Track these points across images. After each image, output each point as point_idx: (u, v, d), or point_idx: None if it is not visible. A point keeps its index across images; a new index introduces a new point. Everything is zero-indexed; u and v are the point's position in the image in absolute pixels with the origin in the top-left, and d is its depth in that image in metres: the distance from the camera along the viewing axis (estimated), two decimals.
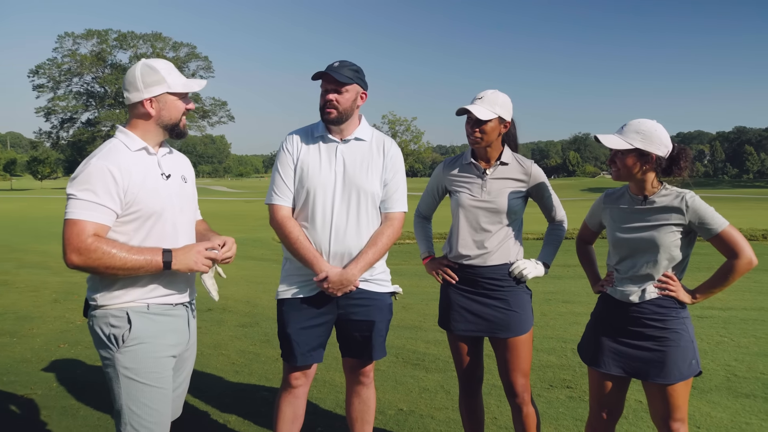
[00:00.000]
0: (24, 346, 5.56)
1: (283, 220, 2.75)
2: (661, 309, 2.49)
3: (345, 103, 2.69)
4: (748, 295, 8.23)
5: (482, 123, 2.78)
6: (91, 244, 2.08)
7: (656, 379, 2.49)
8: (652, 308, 2.50)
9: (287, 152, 2.80)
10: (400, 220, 2.85)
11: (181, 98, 2.36)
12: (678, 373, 2.46)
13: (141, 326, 2.24)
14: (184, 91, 2.34)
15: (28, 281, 9.57)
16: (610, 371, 2.59)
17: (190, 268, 2.26)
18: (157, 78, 2.28)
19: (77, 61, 72.87)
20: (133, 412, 2.23)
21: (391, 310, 2.93)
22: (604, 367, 2.60)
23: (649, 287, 2.50)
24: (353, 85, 2.71)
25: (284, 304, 2.82)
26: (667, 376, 2.47)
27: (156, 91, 2.29)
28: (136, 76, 2.28)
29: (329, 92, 2.69)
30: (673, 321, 2.49)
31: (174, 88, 2.31)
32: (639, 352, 2.53)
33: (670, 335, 2.48)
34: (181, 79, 2.35)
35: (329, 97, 2.68)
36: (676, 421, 2.52)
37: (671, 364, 2.46)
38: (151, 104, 2.30)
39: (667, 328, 2.48)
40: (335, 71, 2.66)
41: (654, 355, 2.49)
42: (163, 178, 2.34)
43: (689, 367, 2.48)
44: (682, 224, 2.45)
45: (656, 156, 2.45)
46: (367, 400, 3.00)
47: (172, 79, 2.31)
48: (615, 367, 2.58)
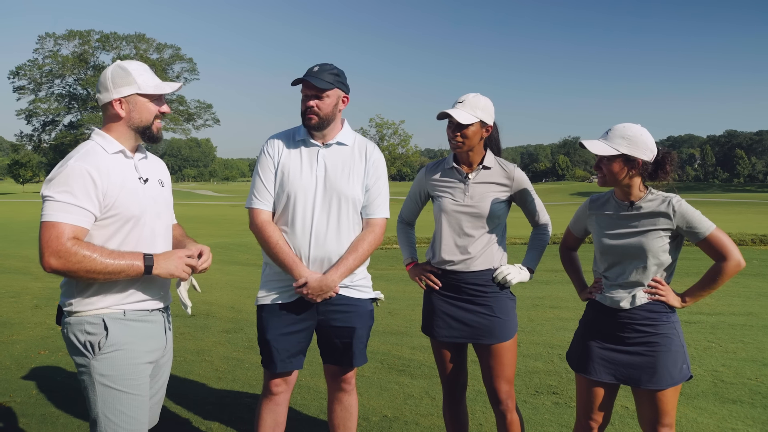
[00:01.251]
0: (3, 353, 5.51)
1: (263, 224, 2.75)
2: (651, 314, 2.52)
3: (326, 109, 2.70)
4: (737, 300, 8.32)
5: (463, 127, 2.80)
6: (71, 248, 2.06)
7: (648, 385, 2.50)
8: (642, 313, 2.52)
9: (268, 156, 2.80)
10: (382, 226, 2.87)
11: (153, 100, 2.34)
12: (669, 378, 2.49)
13: (118, 332, 2.23)
14: (155, 92, 2.32)
15: (9, 287, 9.49)
16: (600, 378, 2.60)
17: (171, 273, 2.26)
18: (128, 79, 2.28)
19: (59, 62, 72.26)
20: (110, 420, 2.22)
21: (372, 316, 2.94)
22: (594, 375, 2.61)
23: (639, 293, 2.53)
24: (334, 90, 2.71)
25: (264, 310, 2.82)
26: (659, 381, 2.49)
27: (125, 91, 2.28)
28: (107, 76, 2.29)
29: (309, 98, 2.70)
30: (663, 326, 2.51)
31: (144, 90, 2.29)
32: (630, 358, 2.54)
33: (661, 340, 2.50)
34: (153, 81, 2.33)
35: (310, 104, 2.69)
36: (665, 427, 2.55)
37: (662, 369, 2.48)
38: (120, 105, 2.29)
39: (657, 333, 2.51)
40: (315, 77, 2.67)
41: (645, 360, 2.51)
42: (140, 182, 2.34)
43: (680, 371, 2.51)
44: (670, 229, 2.48)
45: (642, 161, 2.47)
46: (349, 407, 3.01)
47: (142, 80, 2.29)
48: (605, 374, 2.59)
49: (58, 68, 72.65)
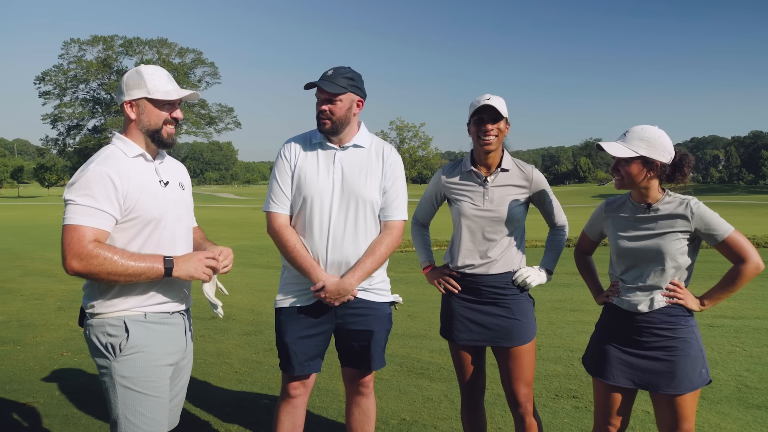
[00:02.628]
0: (27, 354, 5.61)
1: (281, 228, 2.76)
2: (669, 318, 2.49)
3: (339, 113, 2.69)
4: (762, 303, 8.16)
5: (500, 119, 2.78)
6: (92, 250, 2.09)
7: (667, 390, 2.47)
8: (660, 317, 2.49)
9: (285, 159, 2.80)
10: (400, 228, 2.85)
11: (164, 106, 2.35)
12: (689, 383, 2.46)
13: (138, 335, 2.25)
14: (163, 98, 2.32)
15: (33, 289, 9.64)
16: (618, 383, 2.57)
17: (191, 275, 2.28)
18: (139, 82, 2.30)
19: (83, 67, 73.32)
20: (130, 421, 2.24)
21: (390, 320, 2.93)
22: (612, 379, 2.58)
23: (657, 296, 2.50)
24: (347, 94, 2.70)
25: (282, 313, 2.83)
26: (678, 386, 2.46)
27: (135, 94, 2.31)
28: (123, 79, 2.33)
29: (323, 102, 2.70)
30: (682, 329, 2.48)
31: (152, 95, 2.31)
32: (648, 363, 2.51)
33: (680, 344, 2.47)
34: (165, 86, 2.34)
35: (322, 108, 2.69)
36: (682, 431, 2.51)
37: (681, 374, 2.45)
38: (131, 107, 2.32)
39: (676, 337, 2.48)
40: (327, 81, 2.67)
41: (664, 365, 2.48)
42: (161, 185, 2.36)
43: (699, 376, 2.47)
44: (688, 231, 2.45)
45: (661, 163, 2.45)
46: (367, 410, 3.00)
47: (153, 85, 2.31)
48: (623, 378, 2.56)
49: (82, 73, 73.71)
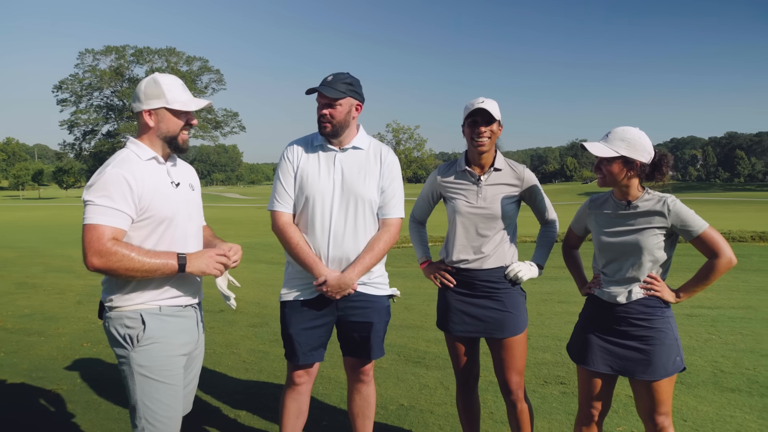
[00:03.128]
0: (51, 345, 5.64)
1: (284, 226, 2.78)
2: (647, 309, 2.51)
3: (339, 117, 2.71)
4: (737, 294, 8.20)
5: (493, 122, 2.79)
6: (111, 248, 2.11)
7: (643, 376, 2.50)
8: (638, 308, 2.52)
9: (288, 161, 2.81)
10: (397, 225, 2.87)
11: (180, 114, 2.36)
12: (663, 369, 2.48)
13: (154, 327, 2.28)
14: (182, 109, 2.34)
15: (54, 284, 9.66)
16: (598, 369, 2.60)
17: (203, 271, 2.30)
18: (158, 92, 2.31)
19: (97, 76, 73.29)
20: (148, 407, 2.27)
21: (389, 312, 2.95)
22: (593, 366, 2.61)
23: (635, 288, 2.52)
24: (346, 99, 2.71)
25: (287, 306, 2.85)
26: (653, 373, 2.48)
27: (154, 104, 2.32)
28: (141, 88, 2.34)
29: (323, 107, 2.71)
30: (658, 320, 2.50)
31: (171, 105, 2.32)
32: (626, 351, 2.54)
33: (656, 334, 2.49)
34: (182, 96, 2.35)
35: (323, 112, 2.71)
36: (661, 415, 2.54)
37: (657, 361, 2.48)
38: (150, 116, 2.33)
39: (652, 327, 2.50)
40: (327, 87, 2.68)
41: (641, 353, 2.50)
42: (173, 186, 2.38)
43: (674, 363, 2.50)
44: (665, 227, 2.47)
45: (641, 163, 2.47)
46: (368, 396, 3.02)
47: (171, 96, 2.32)
48: (603, 365, 2.59)
49: (96, 81, 73.70)
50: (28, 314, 7.10)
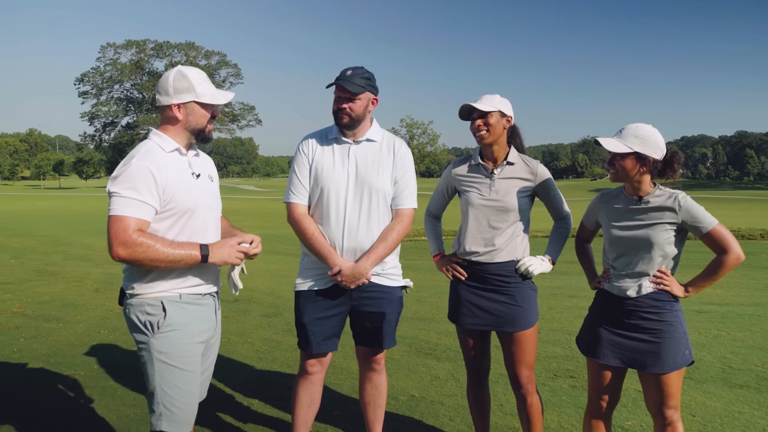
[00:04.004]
0: (69, 331, 5.68)
1: (300, 217, 2.77)
2: (656, 303, 2.49)
3: (357, 110, 2.70)
4: (745, 291, 8.11)
5: (485, 115, 2.77)
6: (137, 239, 2.11)
7: (652, 369, 2.49)
8: (648, 302, 2.50)
9: (303, 154, 2.82)
10: (410, 216, 2.85)
11: (208, 107, 2.36)
12: (672, 362, 2.46)
13: (174, 314, 2.27)
14: (211, 102, 2.34)
15: (73, 272, 9.74)
16: (608, 362, 2.58)
17: (224, 261, 2.31)
18: (187, 86, 2.30)
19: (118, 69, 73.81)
20: (166, 393, 2.26)
21: (401, 302, 2.93)
22: (602, 358, 2.59)
23: (645, 282, 2.50)
24: (365, 93, 2.71)
25: (301, 296, 2.84)
26: (663, 366, 2.47)
27: (184, 98, 2.30)
28: (169, 81, 2.30)
29: (343, 100, 2.70)
30: (667, 314, 2.49)
31: (201, 99, 2.31)
32: (636, 344, 2.52)
33: (665, 327, 2.48)
34: (210, 90, 2.35)
35: (343, 106, 2.70)
36: (670, 408, 2.52)
37: (666, 354, 2.46)
38: (179, 109, 2.31)
39: (662, 321, 2.48)
40: (348, 81, 2.67)
41: (650, 346, 2.49)
42: (193, 178, 2.37)
43: (683, 357, 2.48)
44: (675, 223, 2.45)
45: (653, 159, 2.44)
46: (379, 385, 3.01)
47: (201, 90, 2.31)
48: (613, 358, 2.57)
49: (117, 74, 74.24)
50: (47, 301, 7.16)
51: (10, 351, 4.97)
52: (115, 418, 3.60)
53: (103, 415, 3.65)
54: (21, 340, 5.34)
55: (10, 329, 5.70)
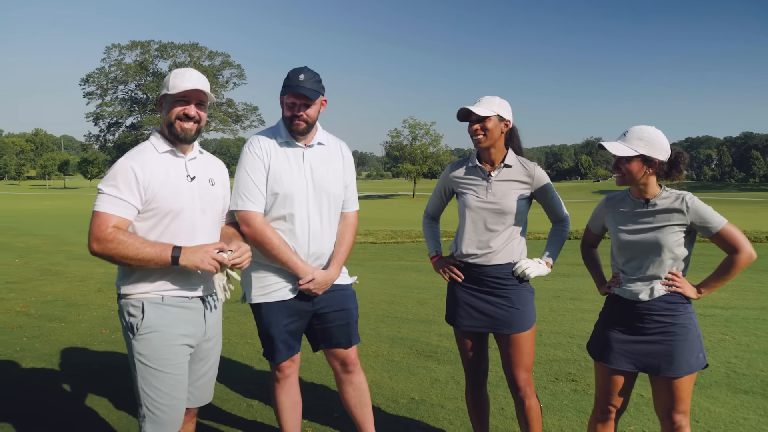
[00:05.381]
0: (71, 331, 5.69)
1: (263, 227, 2.62)
2: (669, 305, 2.47)
3: (314, 115, 2.68)
4: (750, 294, 8.05)
5: (483, 120, 2.75)
6: (109, 234, 2.14)
7: (667, 373, 2.46)
8: (660, 305, 2.48)
9: (257, 157, 2.66)
10: (356, 217, 2.94)
11: (178, 102, 2.33)
12: (687, 366, 2.44)
13: (154, 316, 2.27)
14: (172, 92, 2.31)
15: (76, 272, 9.77)
16: (621, 367, 2.55)
17: (196, 265, 2.24)
18: (166, 81, 2.35)
19: (122, 70, 73.94)
20: (147, 394, 2.28)
21: (356, 297, 2.98)
22: (615, 364, 2.56)
23: (656, 285, 2.48)
24: (319, 97, 2.67)
25: (262, 308, 2.76)
26: (677, 369, 2.44)
27: (162, 92, 2.37)
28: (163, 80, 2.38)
29: (299, 107, 2.63)
30: (680, 316, 2.47)
31: (170, 91, 2.32)
32: (649, 348, 2.49)
33: (679, 330, 2.46)
34: (182, 84, 2.32)
35: (299, 113, 2.63)
36: (679, 413, 2.50)
37: (680, 357, 2.44)
38: (160, 104, 2.38)
39: (675, 323, 2.46)
40: (304, 86, 2.59)
41: (664, 349, 2.46)
42: (187, 180, 2.36)
43: (697, 359, 2.46)
44: (684, 224, 2.43)
45: (659, 161, 2.43)
46: (359, 384, 2.95)
47: (172, 83, 2.33)
48: (626, 363, 2.54)
49: (121, 75, 74.36)
50: (50, 300, 7.18)
51: (13, 350, 4.99)
52: (116, 418, 3.61)
53: (104, 416, 3.65)
54: (24, 339, 5.36)
55: (14, 328, 5.72)
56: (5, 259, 11.24)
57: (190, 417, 2.60)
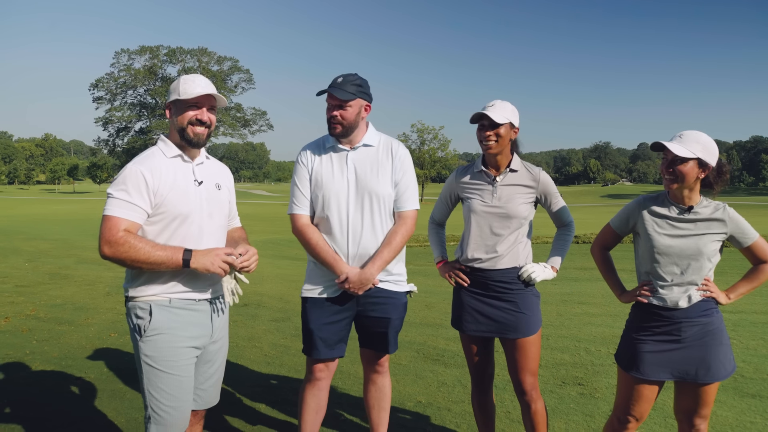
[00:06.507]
0: (80, 334, 5.74)
1: (303, 227, 2.79)
2: (703, 311, 2.49)
3: (349, 117, 2.70)
4: (759, 299, 8.00)
5: (497, 126, 2.76)
6: (121, 238, 2.17)
7: (705, 379, 2.46)
8: (697, 311, 2.48)
9: (302, 165, 2.84)
10: (413, 218, 2.86)
11: (190, 107, 2.37)
12: (723, 371, 2.47)
13: (161, 318, 2.30)
14: (184, 98, 2.35)
15: (86, 276, 9.84)
16: (657, 377, 2.52)
17: (206, 268, 2.28)
18: (176, 87, 2.38)
19: (131, 75, 74.34)
20: (153, 396, 2.31)
21: (405, 307, 2.94)
22: (650, 375, 2.52)
23: (692, 291, 2.48)
24: (356, 100, 2.70)
25: (308, 302, 2.86)
26: (715, 374, 2.46)
27: (171, 97, 2.39)
28: (171, 85, 2.41)
29: (333, 108, 2.70)
30: (714, 320, 2.49)
31: (182, 96, 2.35)
32: (686, 354, 2.48)
33: (714, 335, 2.47)
34: (194, 90, 2.35)
35: (333, 114, 2.70)
36: (701, 417, 2.52)
37: (717, 363, 2.46)
38: (168, 110, 2.40)
39: (710, 329, 2.48)
40: (338, 88, 2.67)
41: (700, 355, 2.47)
42: (195, 184, 2.40)
43: (730, 363, 2.49)
44: (724, 234, 2.46)
45: (711, 166, 2.42)
46: (383, 387, 3.03)
47: (183, 89, 2.36)
48: (663, 372, 2.52)
49: (130, 80, 74.77)
50: (59, 304, 7.24)
51: (22, 353, 5.04)
52: (124, 421, 3.64)
53: (112, 418, 3.69)
54: (33, 342, 5.41)
55: (23, 332, 5.78)
56: (15, 263, 11.33)
57: (198, 419, 2.62)
